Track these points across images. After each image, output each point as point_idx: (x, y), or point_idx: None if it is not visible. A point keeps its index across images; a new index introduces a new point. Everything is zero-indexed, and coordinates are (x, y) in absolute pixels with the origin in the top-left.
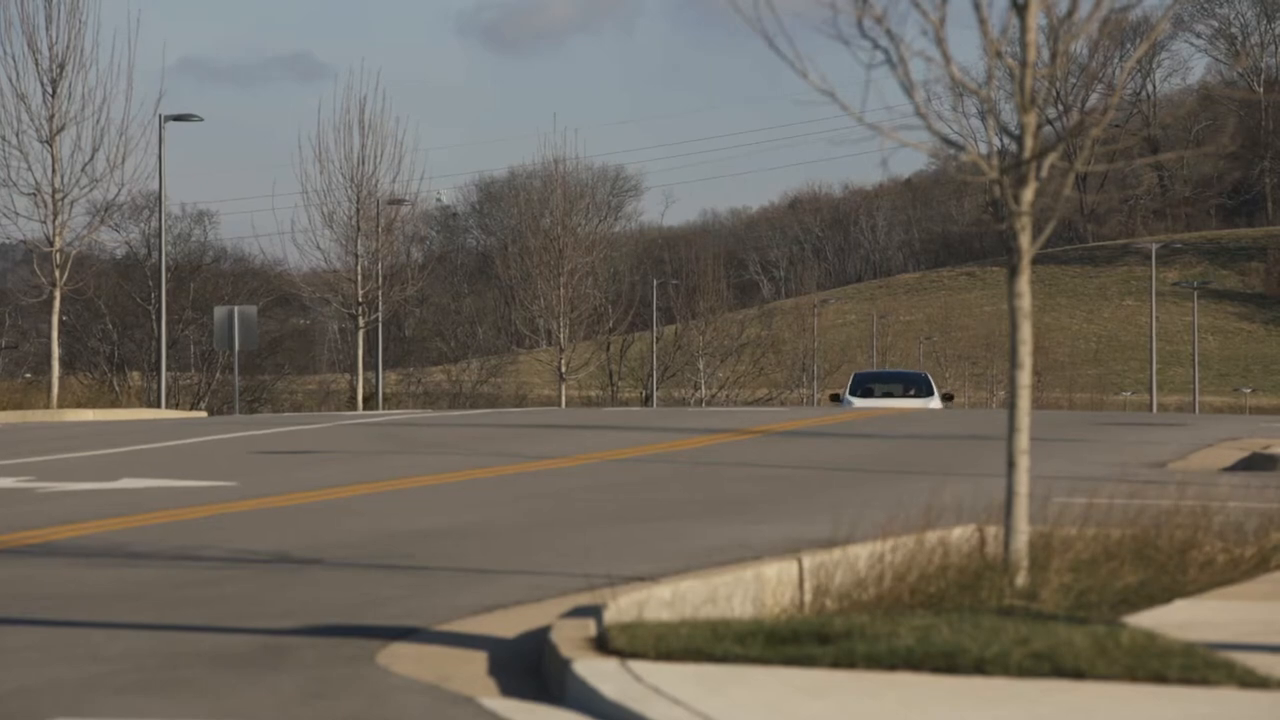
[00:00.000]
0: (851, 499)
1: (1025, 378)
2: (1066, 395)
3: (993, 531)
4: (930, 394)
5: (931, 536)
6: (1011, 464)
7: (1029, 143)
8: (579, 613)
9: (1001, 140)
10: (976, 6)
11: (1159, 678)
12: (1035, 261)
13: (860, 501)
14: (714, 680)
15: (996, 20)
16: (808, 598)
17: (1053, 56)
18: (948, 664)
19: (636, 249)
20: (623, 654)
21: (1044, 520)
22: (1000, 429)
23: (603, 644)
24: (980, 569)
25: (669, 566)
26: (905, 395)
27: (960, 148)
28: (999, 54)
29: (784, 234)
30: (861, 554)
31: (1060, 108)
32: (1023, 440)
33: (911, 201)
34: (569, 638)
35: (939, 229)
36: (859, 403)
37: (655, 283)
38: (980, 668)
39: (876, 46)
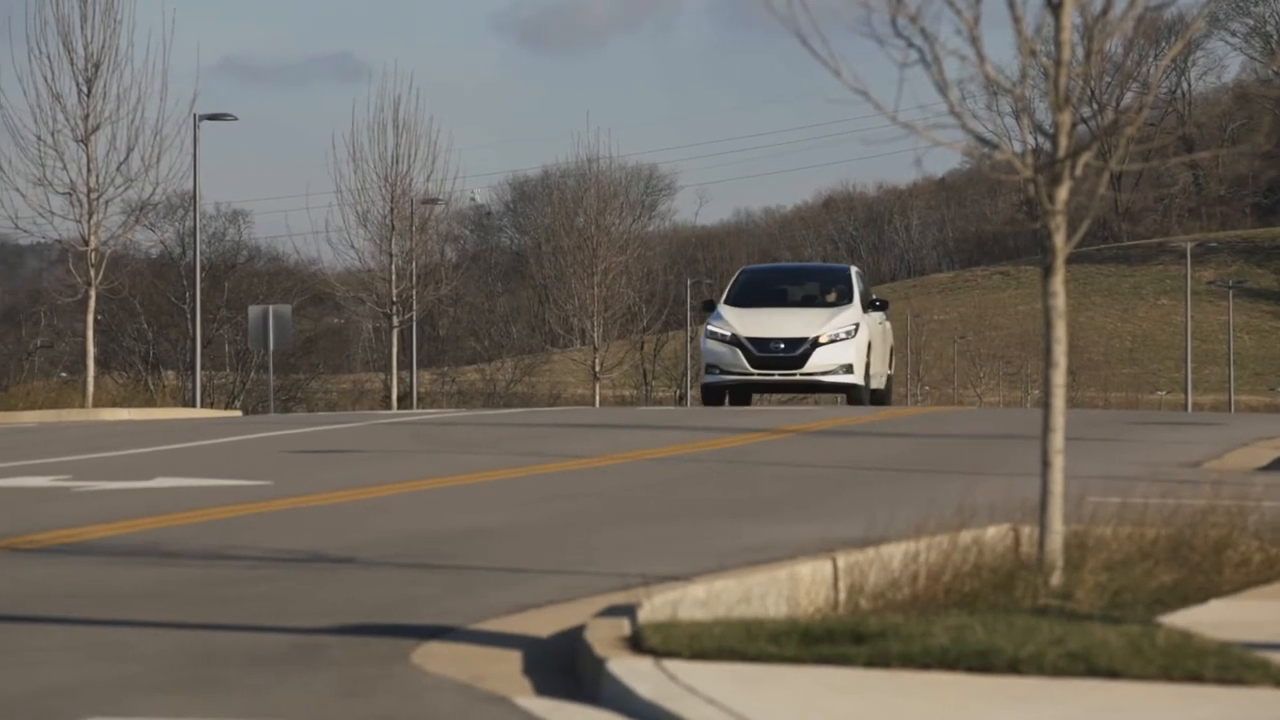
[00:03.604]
0: (885, 498)
1: (1060, 377)
2: (1101, 394)
3: (1027, 531)
4: (847, 300)
5: (965, 536)
6: (1046, 463)
7: (1063, 141)
8: (613, 612)
9: (1036, 139)
10: (1011, 5)
11: (1195, 678)
12: (1070, 260)
13: (894, 500)
14: (748, 679)
15: (1031, 19)
16: (842, 597)
17: (1087, 55)
18: (982, 663)
19: (670, 248)
20: (657, 653)
21: (1079, 520)
22: (1034, 428)
23: (637, 643)
24: (1015, 568)
25: (703, 566)
26: (809, 304)
27: (994, 146)
28: (1033, 53)
29: (818, 233)
30: (896, 553)
31: (1095, 106)
32: (1057, 440)
33: (945, 200)
34: (603, 637)
35: (973, 228)
36: (734, 317)
37: (689, 282)
38: (1015, 667)
39: (911, 45)
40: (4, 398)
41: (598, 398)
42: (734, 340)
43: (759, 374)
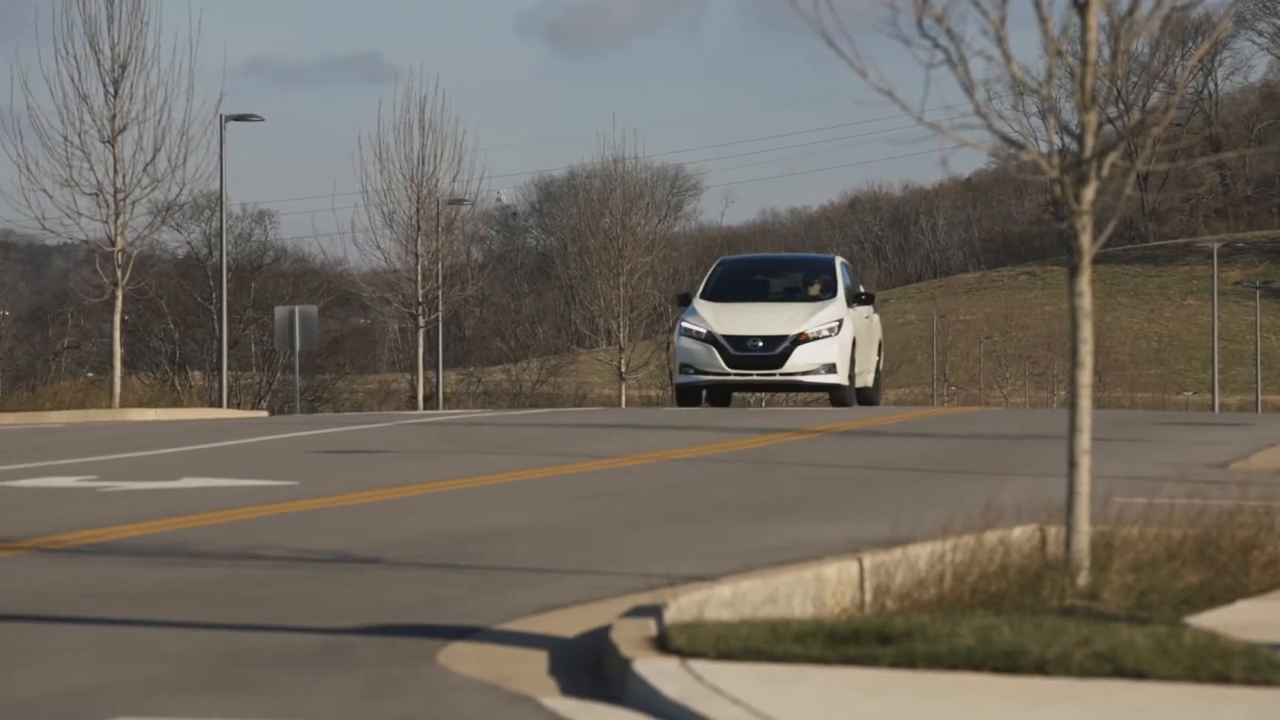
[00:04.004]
0: (911, 498)
1: (1086, 377)
2: (1128, 395)
3: (1054, 531)
4: (831, 294)
5: (992, 536)
6: (1073, 464)
7: (1090, 142)
8: (639, 612)
9: (1062, 139)
10: (1037, 5)
11: (1222, 679)
12: (1096, 261)
13: (920, 501)
14: (774, 680)
15: (1057, 19)
16: (868, 597)
17: (1114, 55)
18: (1009, 664)
19: (696, 248)
20: (683, 654)
21: (1105, 520)
22: (1060, 428)
23: (663, 644)
24: (1041, 569)
25: (729, 566)
26: (790, 298)
27: (1020, 147)
28: (1059, 53)
29: (844, 233)
30: (922, 554)
31: (1121, 106)
32: (1084, 440)
33: (971, 201)
34: (629, 637)
35: (999, 228)
36: (709, 313)
37: None
38: (1041, 668)
39: (936, 46)
40: (31, 398)
41: (624, 398)
42: (709, 338)
43: (736, 374)
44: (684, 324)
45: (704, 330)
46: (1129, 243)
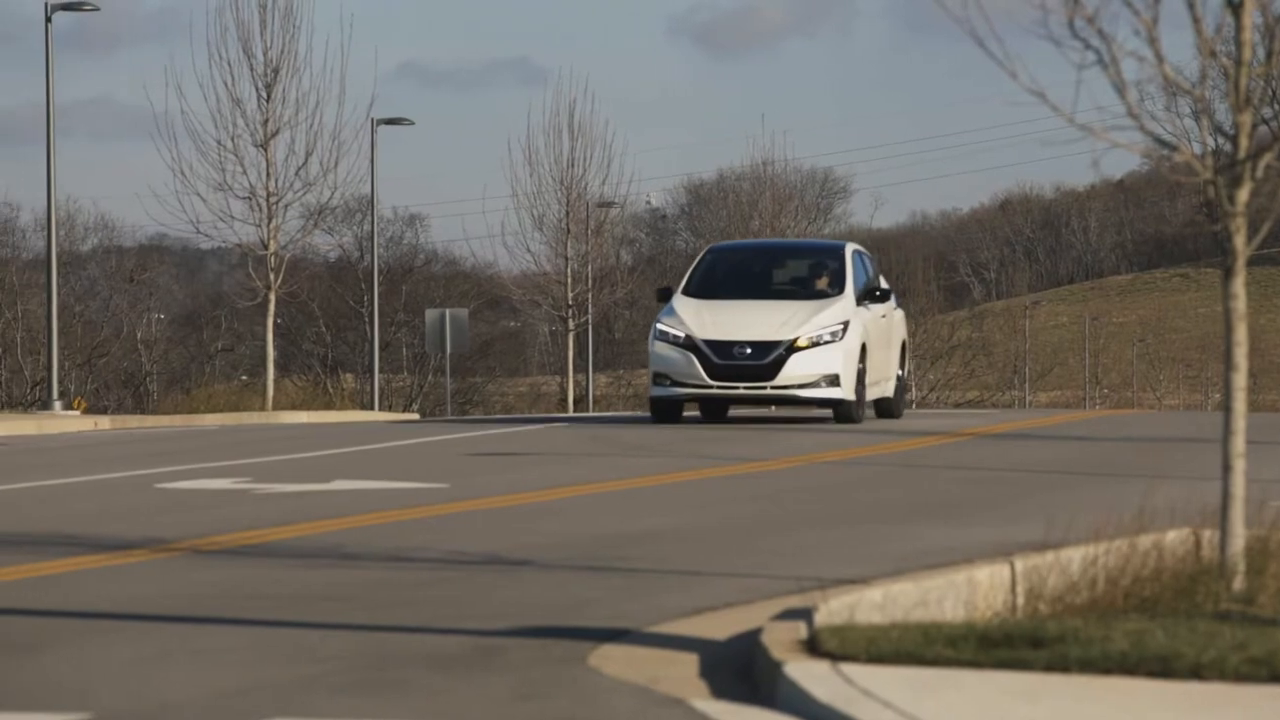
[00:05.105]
0: (1063, 501)
1: (1241, 380)
2: None
3: (1208, 535)
4: (838, 289)
5: (1145, 540)
6: (1228, 467)
7: (1244, 142)
8: (790, 615)
9: (1216, 140)
10: (1190, 5)
11: None
12: (1251, 262)
13: (1072, 504)
14: (925, 683)
15: (1211, 19)
16: (1020, 601)
17: (1269, 55)
18: (1163, 669)
19: None
20: (834, 656)
21: (1260, 524)
22: (1215, 432)
23: (813, 646)
24: (1195, 573)
25: (879, 569)
26: (789, 295)
27: (1173, 148)
28: (1213, 53)
29: (994, 235)
30: (1074, 557)
31: (1276, 107)
32: (1239, 443)
33: (1124, 202)
34: (780, 640)
35: (1152, 230)
36: (690, 313)
37: None
38: (1196, 673)
39: (1088, 47)
40: (186, 400)
41: None
42: (688, 343)
43: (719, 387)
44: (659, 326)
45: (682, 334)
46: None
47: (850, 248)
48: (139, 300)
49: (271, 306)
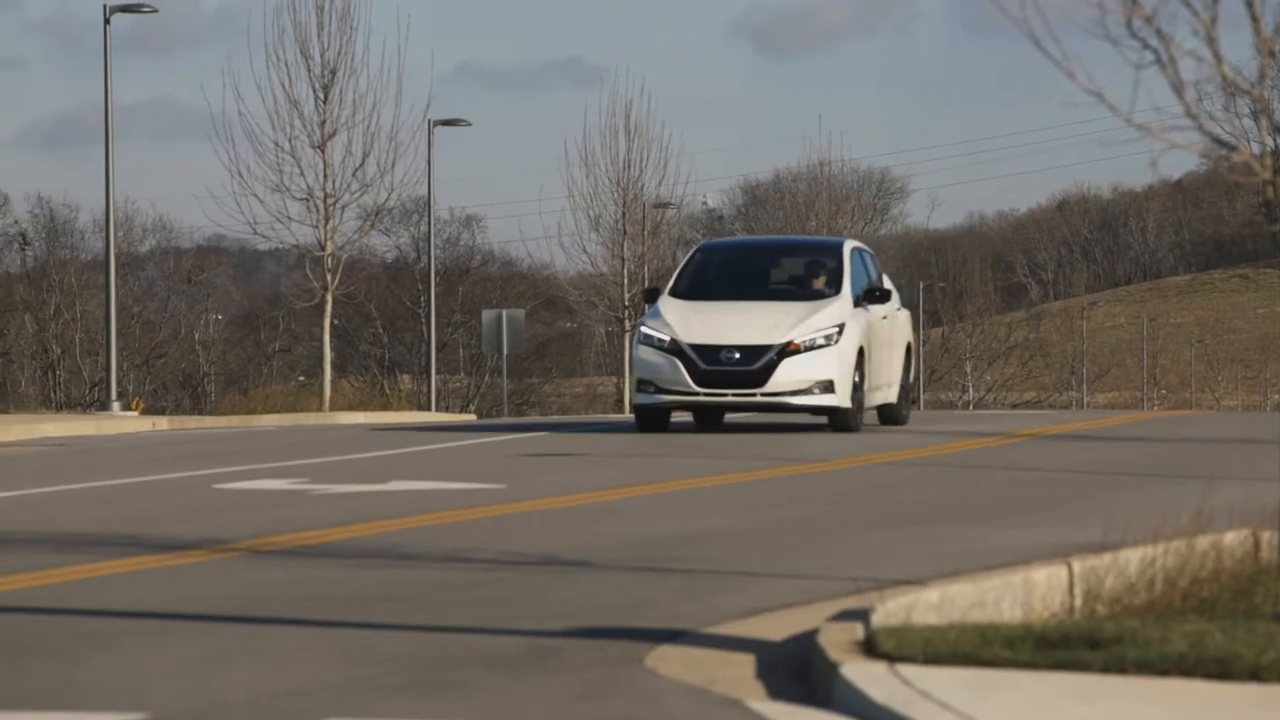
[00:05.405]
0: (1121, 502)
1: None
2: None
3: (1267, 537)
4: (834, 290)
5: (1203, 541)
6: None
7: None
8: (846, 616)
9: (1275, 140)
10: (1249, 4)
11: None
12: None
13: (1130, 505)
14: (983, 684)
15: (1270, 18)
16: (1077, 602)
17: None
18: (1221, 670)
19: (903, 251)
20: (890, 657)
21: None
22: (1274, 433)
23: (870, 647)
24: (1254, 574)
25: (935, 570)
26: (782, 295)
27: (1232, 148)
28: (1272, 53)
29: (1052, 236)
30: (1132, 558)
31: None
32: None
33: (1182, 203)
34: (836, 641)
35: (1210, 231)
36: (676, 315)
37: (922, 285)
38: (1255, 674)
39: (1146, 46)
40: (243, 401)
41: None
42: (673, 348)
43: (706, 394)
44: (644, 329)
45: (667, 338)
46: None
47: (850, 245)
48: (197, 301)
49: (328, 307)
